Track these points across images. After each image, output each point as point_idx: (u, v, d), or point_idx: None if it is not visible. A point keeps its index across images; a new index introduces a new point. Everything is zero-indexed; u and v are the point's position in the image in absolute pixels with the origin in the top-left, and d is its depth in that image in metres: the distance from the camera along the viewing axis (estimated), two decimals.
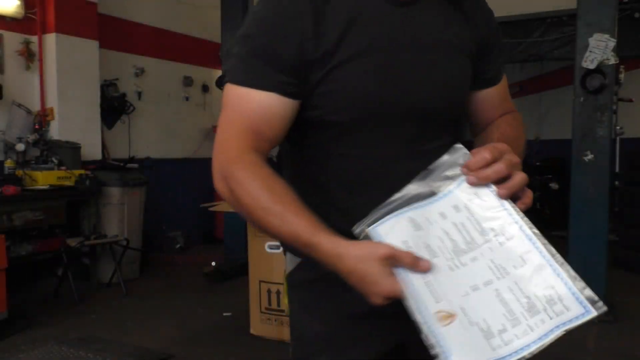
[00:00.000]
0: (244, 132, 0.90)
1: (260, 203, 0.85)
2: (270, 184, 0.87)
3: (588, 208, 3.83)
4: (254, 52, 0.90)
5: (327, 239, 0.79)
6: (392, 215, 0.81)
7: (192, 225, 6.47)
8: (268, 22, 0.91)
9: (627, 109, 6.19)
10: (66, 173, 4.62)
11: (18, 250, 4.31)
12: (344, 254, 0.77)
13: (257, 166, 0.88)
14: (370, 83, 0.91)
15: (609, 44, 3.69)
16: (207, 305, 4.24)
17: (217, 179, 0.92)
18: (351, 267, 0.77)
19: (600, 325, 3.71)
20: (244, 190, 0.87)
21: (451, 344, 0.71)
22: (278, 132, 0.93)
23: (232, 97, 0.93)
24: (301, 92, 0.92)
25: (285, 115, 0.92)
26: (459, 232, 0.79)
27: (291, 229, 0.82)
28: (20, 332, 3.57)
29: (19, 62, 4.81)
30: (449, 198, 0.81)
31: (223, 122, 0.94)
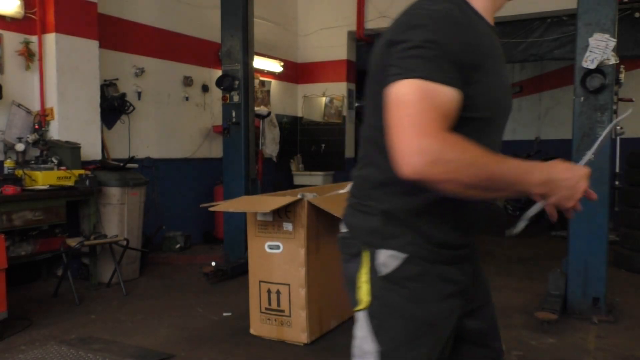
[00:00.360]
0: (440, 121, 1.03)
1: (488, 159, 1.03)
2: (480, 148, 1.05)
3: (588, 208, 3.83)
4: (439, 51, 1.06)
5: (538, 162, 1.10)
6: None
7: (192, 225, 6.47)
8: (450, 32, 1.08)
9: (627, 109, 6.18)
10: (66, 173, 4.62)
11: (18, 250, 4.31)
12: (561, 163, 1.13)
13: (465, 140, 1.03)
14: (499, 90, 1.18)
15: (609, 44, 3.68)
16: (207, 305, 4.24)
17: (423, 161, 0.99)
18: (567, 167, 1.12)
19: (601, 325, 3.71)
20: (470, 154, 1.01)
21: None
22: (454, 119, 1.10)
23: (425, 92, 1.03)
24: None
25: (458, 107, 1.09)
26: None
27: (511, 165, 1.04)
28: (20, 332, 3.57)
29: (19, 62, 4.81)
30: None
31: (416, 111, 1.02)
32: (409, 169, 0.99)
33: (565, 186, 1.09)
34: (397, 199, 1.17)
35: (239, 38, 5.39)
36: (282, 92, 8.39)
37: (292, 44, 8.64)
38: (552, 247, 6.41)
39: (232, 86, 5.43)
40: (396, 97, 1.04)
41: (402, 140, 1.00)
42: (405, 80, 1.03)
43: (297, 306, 3.36)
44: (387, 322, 1.18)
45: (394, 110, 1.03)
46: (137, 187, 4.99)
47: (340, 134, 8.59)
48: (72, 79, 5.02)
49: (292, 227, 3.33)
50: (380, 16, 8.04)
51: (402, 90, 1.03)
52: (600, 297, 3.85)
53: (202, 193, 6.60)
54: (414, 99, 1.01)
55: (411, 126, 1.00)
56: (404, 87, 1.03)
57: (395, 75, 1.04)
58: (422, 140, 0.98)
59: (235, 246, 5.46)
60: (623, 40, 5.02)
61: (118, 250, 4.68)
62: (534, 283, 4.79)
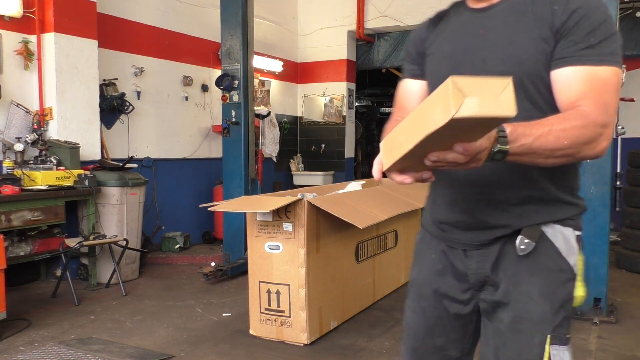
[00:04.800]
0: (395, 110, 1.54)
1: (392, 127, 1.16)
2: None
3: (589, 208, 3.79)
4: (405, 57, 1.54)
5: None
6: None
7: (191, 225, 6.46)
8: (410, 37, 1.57)
9: (628, 109, 6.18)
10: (65, 173, 4.61)
11: (17, 251, 4.30)
12: None
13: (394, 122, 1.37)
14: (443, 66, 1.34)
15: None
16: (206, 305, 4.23)
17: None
18: None
19: (601, 325, 3.70)
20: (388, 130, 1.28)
21: None
22: (413, 104, 1.45)
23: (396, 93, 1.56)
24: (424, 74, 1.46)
25: (415, 90, 1.47)
26: None
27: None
28: (19, 333, 3.55)
29: (18, 61, 4.79)
30: None
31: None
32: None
33: None
34: None
35: (239, 37, 5.38)
36: (282, 92, 8.38)
37: (292, 43, 8.63)
38: None
39: (231, 86, 5.42)
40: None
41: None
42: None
43: (297, 306, 3.34)
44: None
45: None
46: (137, 187, 4.98)
47: (340, 134, 8.58)
48: (71, 79, 5.00)
49: (292, 227, 3.32)
50: (380, 16, 8.04)
51: None
52: (602, 297, 3.84)
53: (202, 193, 6.59)
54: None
55: None
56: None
57: None
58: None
59: (234, 246, 5.44)
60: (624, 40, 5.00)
61: (117, 250, 4.66)
62: None
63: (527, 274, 1.25)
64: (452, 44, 1.34)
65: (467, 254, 1.33)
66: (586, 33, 1.15)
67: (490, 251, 1.29)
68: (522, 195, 1.24)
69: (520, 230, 1.24)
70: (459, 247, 1.34)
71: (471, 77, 0.84)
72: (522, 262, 1.25)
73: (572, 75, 1.16)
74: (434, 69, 1.39)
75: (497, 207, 1.25)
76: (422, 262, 1.45)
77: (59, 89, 4.91)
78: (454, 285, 1.36)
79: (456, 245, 1.35)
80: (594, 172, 3.77)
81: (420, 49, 1.44)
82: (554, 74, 1.19)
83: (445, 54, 1.35)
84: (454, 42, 1.33)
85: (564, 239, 1.26)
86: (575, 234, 1.28)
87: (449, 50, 1.34)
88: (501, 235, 1.26)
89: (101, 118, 5.35)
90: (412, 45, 1.47)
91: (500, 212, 1.25)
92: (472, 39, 1.29)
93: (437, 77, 1.21)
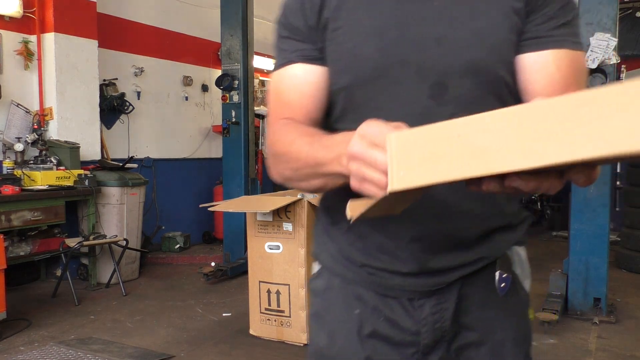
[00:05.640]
0: (279, 109, 0.95)
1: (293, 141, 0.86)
2: (301, 130, 0.88)
3: (589, 208, 3.82)
4: (279, 35, 0.99)
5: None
6: None
7: (191, 225, 6.45)
8: (287, 5, 0.98)
9: None
10: (65, 173, 4.61)
11: (17, 251, 4.30)
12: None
13: (289, 125, 0.90)
14: (367, 47, 0.89)
15: (610, 43, 3.67)
16: (206, 305, 4.23)
17: (268, 166, 0.94)
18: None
19: (601, 325, 3.70)
20: (281, 144, 0.88)
21: None
22: (310, 100, 0.94)
23: (271, 85, 0.99)
24: (323, 57, 0.94)
25: (312, 81, 0.94)
26: None
27: (320, 141, 0.80)
28: (19, 333, 3.55)
29: (18, 61, 4.79)
30: None
31: (268, 111, 0.99)
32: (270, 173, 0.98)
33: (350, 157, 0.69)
34: None
35: (239, 37, 5.38)
36: None
37: None
38: (552, 248, 6.39)
39: (231, 86, 5.42)
40: None
41: None
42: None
43: (296, 306, 3.34)
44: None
45: None
46: (137, 187, 4.98)
47: None
48: (71, 79, 5.00)
49: (292, 227, 3.32)
50: None
51: None
52: (602, 297, 3.84)
53: (202, 193, 6.59)
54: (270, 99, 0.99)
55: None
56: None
57: None
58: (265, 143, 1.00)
59: (234, 246, 5.44)
60: (624, 40, 5.01)
61: (117, 250, 4.66)
62: (535, 283, 4.74)
63: (497, 317, 0.96)
64: (375, 11, 0.89)
65: (414, 304, 0.93)
66: (560, 7, 0.87)
67: (448, 296, 0.93)
68: (490, 225, 0.94)
69: (485, 266, 0.94)
70: (402, 296, 0.93)
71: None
72: (490, 302, 0.95)
73: (552, 62, 0.87)
74: (349, 50, 0.90)
75: (462, 242, 0.92)
76: (334, 322, 0.98)
77: (59, 89, 4.91)
78: (394, 353, 0.95)
79: (396, 293, 0.93)
80: None
81: (314, 19, 0.93)
82: (526, 58, 0.88)
83: (367, 28, 0.89)
84: (379, 9, 0.89)
85: (520, 262, 1.01)
86: (525, 251, 1.03)
87: (373, 22, 0.89)
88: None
89: (101, 118, 5.35)
90: (298, 13, 0.94)
91: (464, 249, 0.92)
92: (409, 5, 0.88)
93: (358, 62, 0.88)
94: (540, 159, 0.50)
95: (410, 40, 0.87)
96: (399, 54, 0.86)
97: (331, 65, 0.93)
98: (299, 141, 0.84)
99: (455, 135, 0.55)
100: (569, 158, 0.48)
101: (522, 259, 1.02)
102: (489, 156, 0.52)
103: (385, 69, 0.87)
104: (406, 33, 0.87)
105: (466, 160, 0.53)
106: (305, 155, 0.81)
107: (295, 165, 0.84)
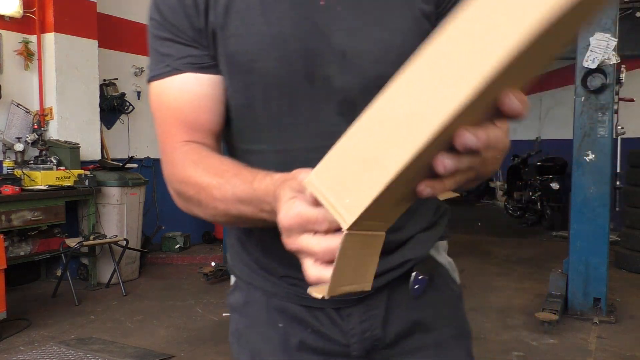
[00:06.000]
0: (174, 131, 0.81)
1: (203, 186, 0.73)
2: (207, 164, 0.75)
3: (589, 208, 3.82)
4: (157, 36, 0.82)
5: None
6: None
7: (191, 225, 6.45)
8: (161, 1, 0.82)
9: (628, 109, 6.18)
10: (65, 173, 4.61)
11: (17, 251, 4.30)
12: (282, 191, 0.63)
13: (191, 154, 0.78)
14: (265, 59, 0.77)
15: (610, 44, 3.67)
16: (206, 305, 4.23)
17: (172, 196, 0.82)
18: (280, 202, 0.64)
19: (601, 325, 3.70)
20: (189, 187, 0.75)
21: None
22: (209, 116, 0.81)
23: (155, 98, 0.83)
24: (216, 63, 0.81)
25: (209, 93, 0.80)
26: None
27: (235, 190, 0.68)
28: (19, 333, 3.55)
29: (18, 61, 4.79)
30: None
31: (157, 130, 0.84)
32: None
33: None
34: None
35: None
36: None
37: None
38: (552, 248, 6.39)
39: None
40: None
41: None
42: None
43: None
44: None
45: None
46: (137, 187, 4.98)
47: None
48: (71, 79, 5.01)
49: None
50: None
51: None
52: (601, 297, 3.84)
53: None
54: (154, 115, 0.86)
55: (160, 153, 0.85)
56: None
57: None
58: (163, 171, 0.85)
59: None
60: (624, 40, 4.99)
61: (117, 250, 4.66)
62: (535, 283, 4.77)
63: (432, 317, 0.91)
64: (271, 17, 0.76)
65: (341, 313, 0.86)
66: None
67: (376, 302, 0.86)
68: (413, 231, 0.88)
69: (411, 268, 0.88)
70: (328, 306, 0.86)
71: None
72: (422, 304, 0.89)
73: None
74: (245, 63, 0.77)
75: (386, 249, 0.75)
76: (257, 340, 0.90)
77: (59, 89, 4.91)
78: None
79: (321, 304, 0.85)
80: (594, 172, 3.77)
81: (201, 21, 0.78)
82: None
83: (265, 37, 0.76)
84: (276, 15, 0.76)
85: (445, 256, 0.96)
86: (447, 244, 0.98)
87: (271, 29, 0.76)
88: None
89: (101, 118, 5.35)
90: (179, 12, 0.79)
91: (389, 254, 0.85)
92: (310, 11, 0.76)
93: (257, 77, 0.77)
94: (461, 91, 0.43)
95: (315, 52, 0.76)
96: (303, 68, 0.76)
97: (225, 79, 0.80)
98: (211, 187, 0.71)
99: (368, 136, 0.49)
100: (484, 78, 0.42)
101: (446, 252, 0.97)
102: (411, 128, 0.46)
103: (290, 84, 0.77)
104: (309, 44, 0.76)
105: (393, 150, 0.47)
106: (224, 208, 0.71)
107: (212, 212, 0.74)
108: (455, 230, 7.67)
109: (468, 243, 6.76)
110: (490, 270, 5.35)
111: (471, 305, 4.20)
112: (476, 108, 0.45)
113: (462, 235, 7.26)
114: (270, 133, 0.79)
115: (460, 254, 6.11)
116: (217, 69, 0.80)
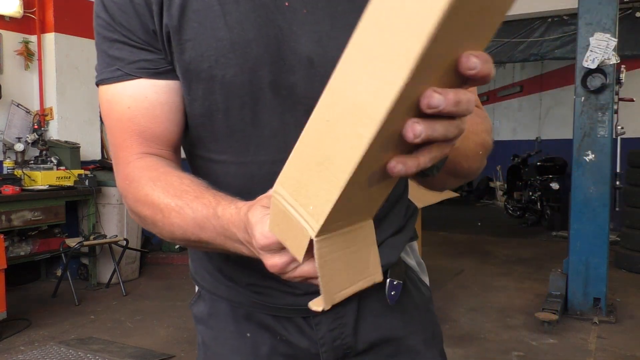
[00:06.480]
0: (129, 142, 0.75)
1: (161, 207, 0.68)
2: (166, 182, 0.70)
3: (589, 208, 3.82)
4: (105, 37, 0.74)
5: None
6: None
7: None
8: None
9: (628, 109, 6.18)
10: (65, 173, 4.61)
11: (17, 251, 4.30)
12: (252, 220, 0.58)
13: (147, 170, 0.73)
14: (226, 65, 0.71)
15: (609, 44, 3.67)
16: None
17: (128, 211, 0.77)
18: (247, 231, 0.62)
19: (601, 325, 3.70)
20: (146, 207, 0.70)
21: None
22: (166, 125, 0.76)
23: (107, 105, 0.76)
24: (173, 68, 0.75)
25: (166, 101, 0.75)
26: None
27: (195, 215, 0.64)
28: (19, 333, 3.56)
29: (18, 61, 4.80)
30: None
31: (108, 138, 0.78)
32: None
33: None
34: None
35: None
36: None
37: None
38: (552, 248, 6.39)
39: None
40: None
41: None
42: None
43: None
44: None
45: None
46: None
47: None
48: (72, 79, 5.01)
49: None
50: None
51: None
52: (601, 297, 3.84)
53: None
54: (104, 121, 0.82)
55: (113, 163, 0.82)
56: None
57: None
58: (117, 184, 0.80)
59: None
60: (624, 40, 5.00)
61: (117, 250, 4.66)
62: (535, 283, 4.77)
63: (403, 322, 0.88)
64: (231, 20, 0.70)
65: (310, 322, 0.83)
66: None
67: (346, 310, 0.83)
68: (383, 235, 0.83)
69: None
70: (296, 315, 0.82)
71: None
72: (392, 309, 0.86)
73: None
74: (205, 70, 0.71)
75: None
76: (225, 353, 0.87)
77: (59, 89, 4.91)
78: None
79: (289, 313, 0.82)
80: (594, 172, 3.77)
81: (156, 23, 0.71)
82: None
83: (224, 41, 0.70)
84: (235, 18, 0.70)
85: (415, 257, 0.93)
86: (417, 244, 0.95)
87: (232, 34, 0.70)
88: None
89: (101, 118, 5.35)
90: (129, 11, 0.71)
91: None
92: (273, 14, 0.70)
93: (217, 86, 0.72)
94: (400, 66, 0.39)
95: (279, 59, 0.71)
96: (267, 76, 0.71)
97: (182, 86, 0.74)
98: (169, 209, 0.67)
99: (318, 136, 0.46)
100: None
101: (417, 253, 0.94)
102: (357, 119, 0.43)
103: (253, 93, 0.72)
104: (273, 50, 0.70)
105: (344, 146, 0.44)
106: (181, 233, 0.67)
107: (168, 236, 0.70)
108: (455, 230, 7.67)
109: (468, 243, 6.77)
110: (490, 270, 5.35)
111: (471, 305, 4.20)
112: (425, 78, 0.41)
113: (462, 235, 7.26)
114: (232, 144, 0.74)
115: (460, 254, 6.12)
116: (174, 73, 0.74)
